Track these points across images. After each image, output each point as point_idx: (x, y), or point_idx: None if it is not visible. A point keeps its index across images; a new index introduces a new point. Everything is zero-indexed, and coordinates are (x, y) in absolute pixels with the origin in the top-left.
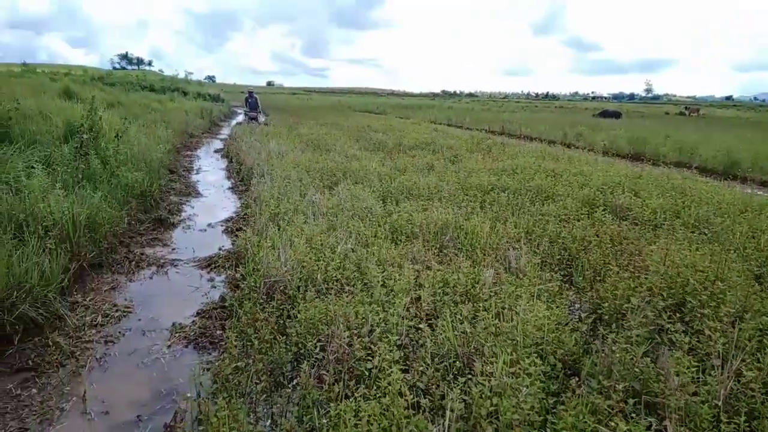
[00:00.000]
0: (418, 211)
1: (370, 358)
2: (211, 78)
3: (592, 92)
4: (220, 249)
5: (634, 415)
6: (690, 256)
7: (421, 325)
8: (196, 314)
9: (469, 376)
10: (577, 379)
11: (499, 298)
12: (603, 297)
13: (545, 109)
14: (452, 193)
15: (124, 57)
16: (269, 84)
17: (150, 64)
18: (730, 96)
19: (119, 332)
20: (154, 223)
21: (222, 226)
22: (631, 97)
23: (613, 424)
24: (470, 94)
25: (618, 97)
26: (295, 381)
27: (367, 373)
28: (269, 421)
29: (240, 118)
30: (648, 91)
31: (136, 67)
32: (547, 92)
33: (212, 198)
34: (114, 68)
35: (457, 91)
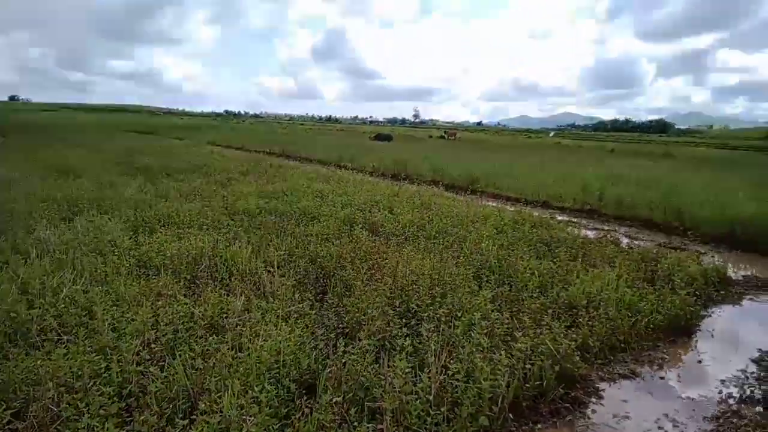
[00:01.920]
0: (173, 241)
1: (79, 417)
2: None
3: (370, 116)
4: None
5: (356, 423)
6: (426, 264)
7: (151, 369)
8: None
9: (194, 417)
10: (306, 398)
11: (245, 327)
12: (348, 311)
13: (327, 132)
14: (216, 218)
15: None
16: (12, 98)
17: None
18: (480, 122)
19: None
20: None
21: None
22: (403, 121)
23: None
24: (255, 116)
25: (392, 122)
26: None
27: None
28: None
29: None
30: (416, 116)
31: None
32: (330, 115)
33: None
34: None
35: (242, 112)
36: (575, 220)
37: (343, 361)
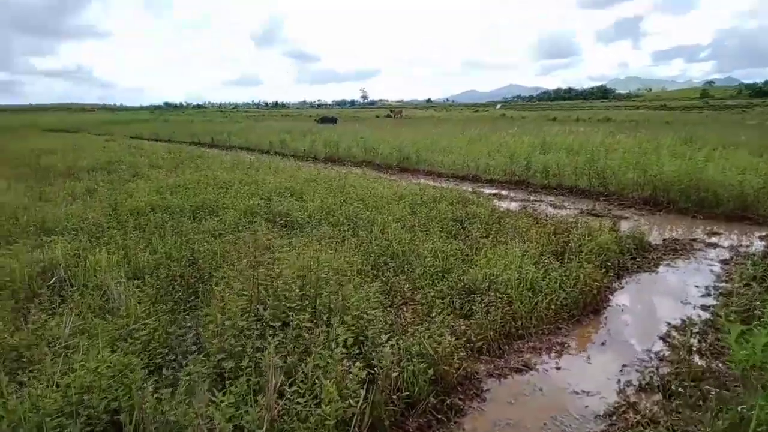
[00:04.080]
0: (25, 252)
1: None
2: None
3: (318, 100)
4: None
5: None
6: (320, 255)
7: None
8: None
9: None
10: None
11: (69, 356)
12: (208, 321)
13: (272, 118)
14: (97, 220)
15: None
16: None
17: None
18: (429, 99)
19: None
20: None
21: None
22: (352, 103)
23: None
24: (198, 106)
25: (340, 104)
26: None
27: None
28: None
29: None
30: (364, 97)
31: None
32: (276, 101)
33: None
34: None
35: (183, 103)
36: (504, 192)
37: (155, 395)
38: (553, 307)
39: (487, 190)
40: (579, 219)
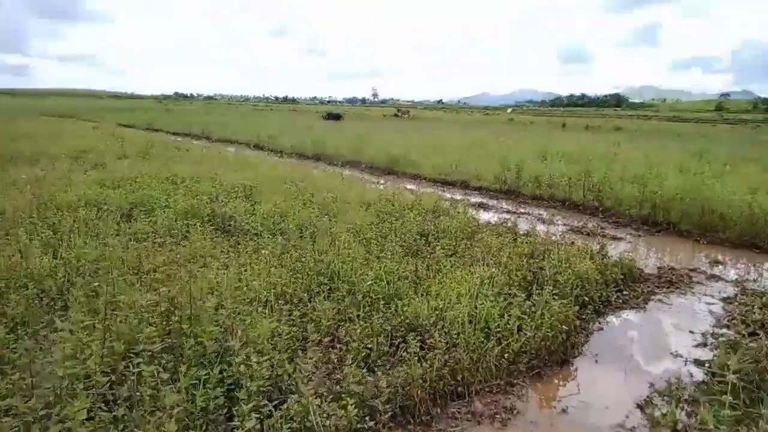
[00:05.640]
0: None
1: None
2: None
3: (329, 96)
4: None
5: None
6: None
7: None
8: None
9: None
10: None
11: None
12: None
13: (278, 112)
14: (15, 216)
15: None
16: None
17: None
18: (440, 100)
19: None
20: None
21: None
22: (363, 101)
23: None
24: (209, 98)
25: (351, 101)
26: None
27: None
28: None
29: None
30: (375, 95)
31: None
32: (286, 96)
33: None
34: None
35: (194, 94)
36: (491, 202)
37: None
38: (506, 355)
39: (474, 199)
40: (564, 238)
